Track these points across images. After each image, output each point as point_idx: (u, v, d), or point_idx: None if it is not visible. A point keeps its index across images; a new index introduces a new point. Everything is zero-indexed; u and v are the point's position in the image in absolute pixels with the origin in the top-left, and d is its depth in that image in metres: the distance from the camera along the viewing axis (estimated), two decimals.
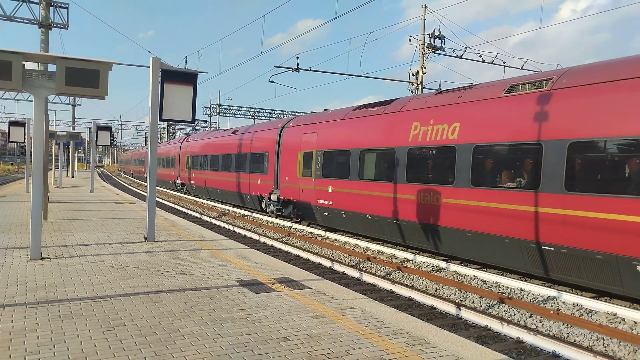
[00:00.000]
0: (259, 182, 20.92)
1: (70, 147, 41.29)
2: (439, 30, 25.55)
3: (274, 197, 19.42)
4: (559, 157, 8.68)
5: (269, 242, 14.79)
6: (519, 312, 8.05)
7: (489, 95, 10.50)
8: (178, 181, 35.21)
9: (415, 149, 12.05)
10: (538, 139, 9.08)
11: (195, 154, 30.68)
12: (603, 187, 8.13)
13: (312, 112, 20.48)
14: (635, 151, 7.80)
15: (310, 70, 25.79)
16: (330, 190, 15.59)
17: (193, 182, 30.81)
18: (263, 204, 20.91)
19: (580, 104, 8.59)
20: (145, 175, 45.04)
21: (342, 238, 14.89)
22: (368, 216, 13.75)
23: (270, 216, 20.19)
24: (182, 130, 73.62)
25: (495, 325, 7.29)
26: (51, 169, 30.42)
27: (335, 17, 18.34)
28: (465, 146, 10.49)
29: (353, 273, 10.68)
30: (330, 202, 15.59)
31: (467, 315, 7.83)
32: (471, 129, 10.52)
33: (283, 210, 19.11)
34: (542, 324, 7.54)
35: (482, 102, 10.55)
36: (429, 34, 25.46)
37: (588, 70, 9.01)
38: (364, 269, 11.24)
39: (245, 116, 60.04)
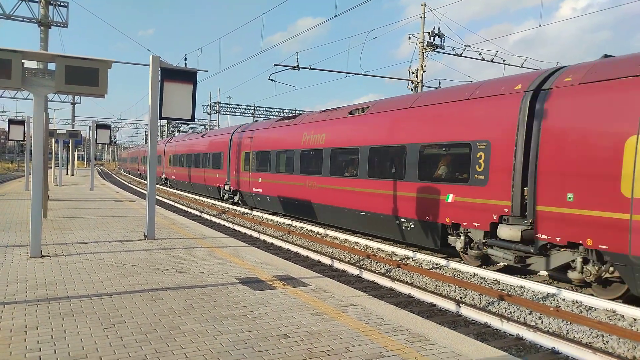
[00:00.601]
0: (217, 176, 25.93)
1: (70, 145, 41.27)
2: (439, 28, 25.61)
3: (227, 187, 24.53)
4: (364, 155, 14.04)
5: (269, 239, 14.80)
6: (518, 309, 8.06)
7: (339, 115, 15.92)
8: (163, 177, 39.95)
9: (305, 151, 17.31)
10: (357, 145, 14.44)
11: (175, 153, 36.12)
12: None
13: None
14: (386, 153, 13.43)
15: (310, 68, 25.78)
16: (260, 181, 20.71)
17: (174, 177, 36.41)
18: (221, 193, 25.69)
19: (376, 122, 13.91)
20: (139, 173, 54.43)
21: (342, 236, 14.91)
22: (281, 198, 18.87)
23: (226, 203, 24.92)
24: (182, 129, 73.60)
25: (495, 322, 7.30)
26: (51, 167, 30.43)
27: (335, 16, 18.37)
28: (327, 149, 15.88)
29: (353, 270, 10.70)
30: (260, 190, 20.68)
31: (466, 312, 7.84)
32: (330, 137, 15.85)
33: (234, 198, 23.98)
34: (542, 321, 7.55)
35: (336, 120, 16.02)
36: (428, 32, 25.47)
37: (384, 102, 14.47)
38: (363, 266, 11.25)
39: (245, 114, 59.96)
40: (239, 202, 23.60)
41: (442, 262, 11.18)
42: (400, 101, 13.58)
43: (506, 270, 10.64)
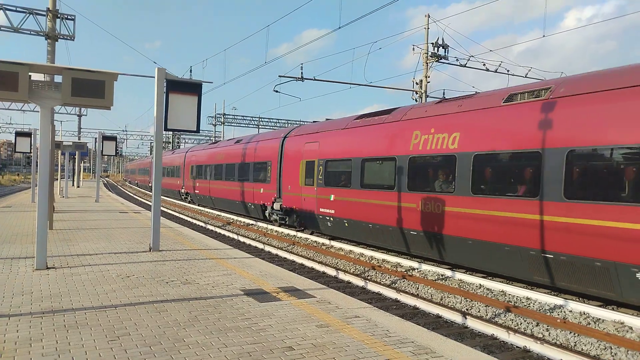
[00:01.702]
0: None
1: (76, 157, 41.53)
2: (442, 39, 25.64)
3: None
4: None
5: (274, 251, 14.78)
6: (525, 320, 7.99)
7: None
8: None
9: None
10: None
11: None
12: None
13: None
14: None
15: (314, 79, 25.90)
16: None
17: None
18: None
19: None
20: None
21: (347, 247, 14.86)
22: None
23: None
24: (187, 140, 73.89)
25: (502, 334, 7.24)
26: (57, 179, 30.58)
27: (339, 27, 18.47)
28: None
29: (358, 282, 10.65)
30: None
31: (473, 324, 7.78)
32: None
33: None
34: (549, 333, 7.48)
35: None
36: (432, 43, 25.55)
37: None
38: (368, 277, 11.20)
39: (250, 125, 60.20)
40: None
41: (448, 273, 11.12)
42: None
43: (512, 281, 10.57)
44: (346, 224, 15.03)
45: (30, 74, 7.28)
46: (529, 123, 9.49)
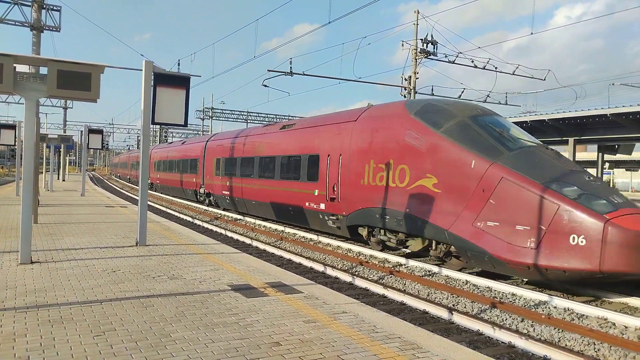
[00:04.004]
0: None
1: (62, 150, 41.01)
2: (432, 35, 25.69)
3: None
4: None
5: (262, 246, 14.75)
6: (510, 316, 8.07)
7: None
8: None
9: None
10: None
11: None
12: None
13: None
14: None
15: (303, 74, 25.81)
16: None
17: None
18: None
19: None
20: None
21: (335, 242, 14.88)
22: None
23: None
24: (174, 134, 73.39)
25: (487, 330, 7.30)
26: (42, 172, 30.20)
27: (329, 22, 18.43)
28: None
29: (345, 277, 10.67)
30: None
31: (459, 319, 7.84)
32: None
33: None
34: (534, 329, 7.56)
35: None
36: (421, 39, 25.60)
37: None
38: (356, 273, 11.23)
39: (238, 120, 59.97)
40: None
41: (435, 269, 11.19)
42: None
43: (497, 277, 10.67)
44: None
45: (15, 65, 7.15)
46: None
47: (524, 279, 10.26)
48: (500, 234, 9.38)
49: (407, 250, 12.90)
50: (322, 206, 14.99)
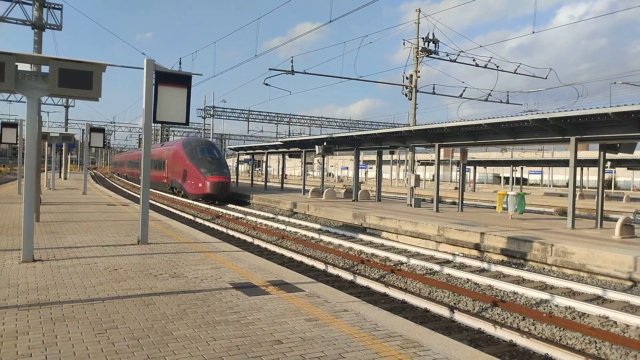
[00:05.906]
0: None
1: (63, 148, 41.12)
2: (433, 34, 25.68)
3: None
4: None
5: (263, 244, 14.78)
6: (512, 315, 8.08)
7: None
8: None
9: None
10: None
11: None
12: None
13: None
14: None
15: (304, 73, 25.82)
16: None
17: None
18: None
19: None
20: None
21: (336, 241, 14.90)
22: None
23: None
24: (176, 133, 73.47)
25: (488, 328, 7.31)
26: (44, 171, 30.26)
27: (330, 21, 18.44)
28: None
29: (347, 276, 10.69)
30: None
31: (460, 318, 7.85)
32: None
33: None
34: (535, 327, 7.57)
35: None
36: (422, 38, 25.58)
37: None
38: (357, 271, 11.24)
39: (240, 118, 60.01)
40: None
41: (436, 267, 11.20)
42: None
43: (500, 277, 10.67)
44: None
45: (16, 64, 7.16)
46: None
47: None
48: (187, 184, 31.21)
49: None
50: (165, 180, 36.31)
